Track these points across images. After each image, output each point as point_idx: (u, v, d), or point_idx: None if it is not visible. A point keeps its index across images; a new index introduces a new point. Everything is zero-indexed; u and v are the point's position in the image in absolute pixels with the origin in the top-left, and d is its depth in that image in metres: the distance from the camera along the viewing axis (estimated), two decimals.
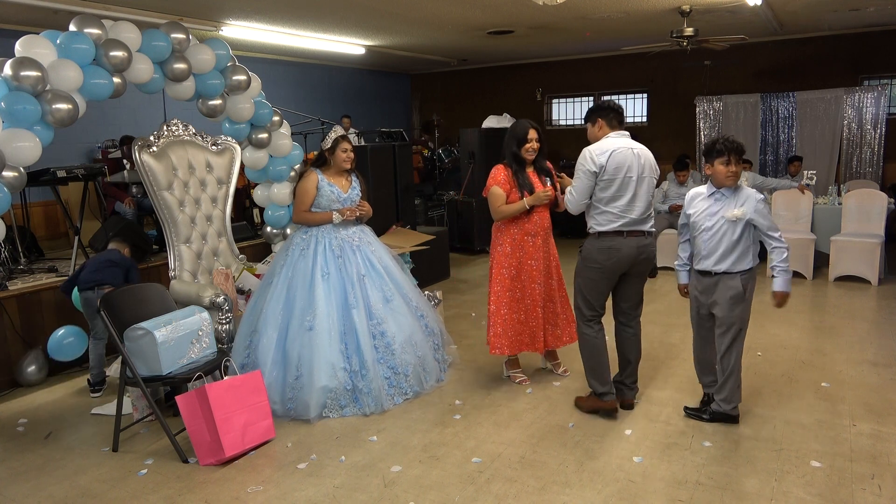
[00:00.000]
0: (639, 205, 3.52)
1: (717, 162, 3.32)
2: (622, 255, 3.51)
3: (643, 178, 3.53)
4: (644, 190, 3.54)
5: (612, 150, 3.49)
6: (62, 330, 4.48)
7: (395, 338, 3.88)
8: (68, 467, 3.32)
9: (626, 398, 3.75)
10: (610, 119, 3.61)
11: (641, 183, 3.52)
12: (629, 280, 3.64)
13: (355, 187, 4.10)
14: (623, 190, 3.49)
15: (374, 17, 6.88)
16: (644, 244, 3.56)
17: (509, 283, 4.04)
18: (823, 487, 2.87)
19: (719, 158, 3.31)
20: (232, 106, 4.92)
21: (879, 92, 8.30)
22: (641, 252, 3.55)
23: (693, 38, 6.89)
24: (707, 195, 3.42)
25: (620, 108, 3.67)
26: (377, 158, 6.66)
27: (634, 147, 3.55)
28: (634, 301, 3.70)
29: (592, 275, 3.60)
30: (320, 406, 3.70)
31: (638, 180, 3.51)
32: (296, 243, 4.00)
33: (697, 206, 3.45)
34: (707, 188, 3.45)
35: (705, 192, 3.44)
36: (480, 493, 2.92)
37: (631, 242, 3.52)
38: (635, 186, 3.50)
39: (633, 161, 3.50)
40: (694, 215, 3.44)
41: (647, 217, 3.58)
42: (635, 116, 10.84)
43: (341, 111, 10.29)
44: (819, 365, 4.32)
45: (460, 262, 8.08)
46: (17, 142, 3.61)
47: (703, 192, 3.46)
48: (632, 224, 3.52)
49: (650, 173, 3.57)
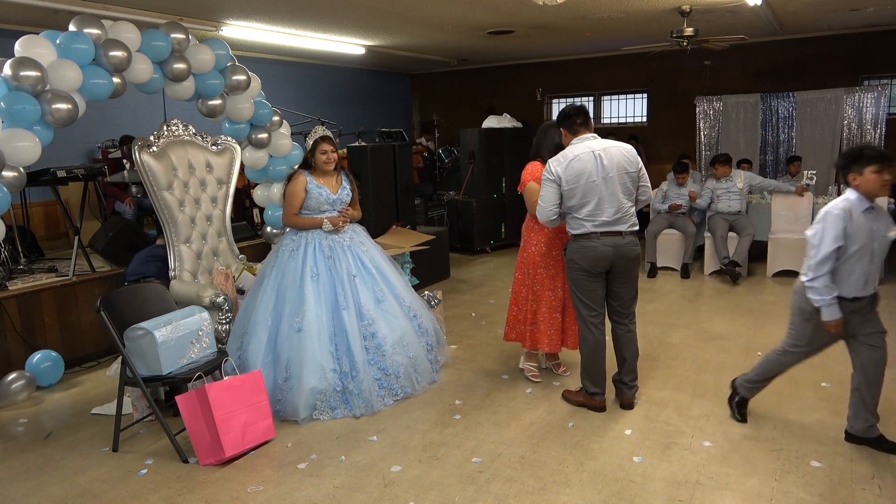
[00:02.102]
0: (608, 206, 3.50)
1: (867, 171, 2.96)
2: (598, 255, 3.52)
3: (610, 178, 3.49)
4: (612, 190, 3.49)
5: (571, 158, 3.50)
6: (39, 354, 4.46)
7: (386, 339, 3.88)
8: (68, 467, 3.32)
9: (625, 397, 3.75)
10: (570, 125, 3.61)
11: (608, 183, 3.49)
12: (616, 279, 3.63)
13: (345, 187, 4.08)
14: (588, 195, 3.49)
15: (374, 17, 6.87)
16: (621, 244, 3.54)
17: (549, 282, 4.02)
18: (823, 487, 2.87)
19: (870, 167, 2.96)
20: (232, 106, 4.92)
21: (879, 92, 8.30)
22: (619, 252, 3.53)
23: (693, 38, 6.88)
24: (861, 211, 3.00)
25: (580, 109, 3.62)
26: (377, 158, 6.66)
27: (597, 149, 3.50)
28: (625, 300, 3.69)
29: (575, 275, 3.62)
30: (309, 408, 3.69)
31: (604, 181, 3.48)
32: (286, 245, 3.99)
33: (860, 226, 2.99)
34: (857, 202, 3.01)
35: (854, 207, 3.00)
36: (480, 493, 2.92)
37: (606, 241, 3.52)
38: (601, 189, 3.48)
39: (594, 165, 3.47)
40: (859, 237, 2.99)
41: (623, 217, 3.53)
42: (635, 116, 10.84)
43: (341, 111, 10.29)
44: (819, 365, 4.31)
45: (460, 262, 8.08)
46: (16, 142, 3.61)
47: (851, 208, 3.00)
48: (604, 225, 3.51)
49: (619, 171, 3.50)
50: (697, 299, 6.16)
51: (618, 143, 3.60)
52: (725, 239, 6.77)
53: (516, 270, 4.16)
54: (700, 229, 7.21)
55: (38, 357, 4.45)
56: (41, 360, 4.45)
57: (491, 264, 8.00)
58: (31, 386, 4.33)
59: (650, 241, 7.16)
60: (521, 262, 4.12)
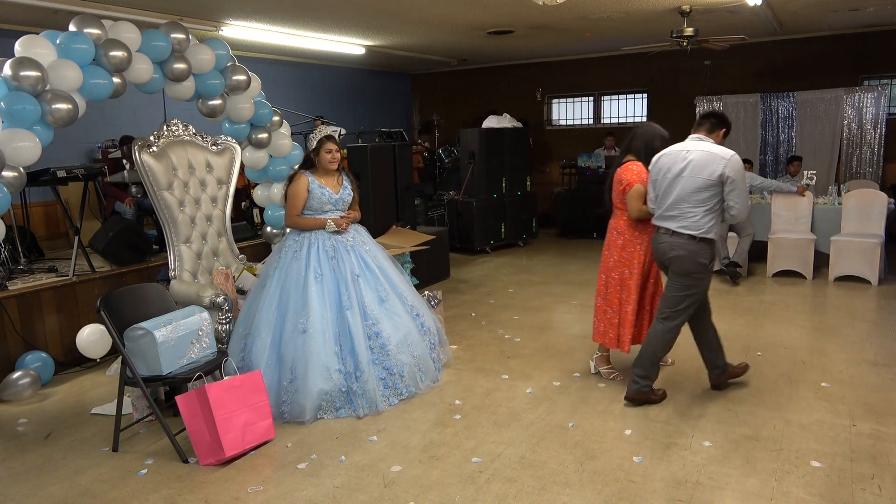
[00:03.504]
0: (668, 201, 3.64)
1: None
2: (654, 249, 3.79)
3: (681, 176, 3.59)
4: (677, 187, 3.59)
5: (665, 153, 3.73)
6: (29, 355, 4.47)
7: (391, 338, 3.88)
8: (68, 467, 3.32)
9: (628, 391, 3.78)
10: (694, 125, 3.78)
11: (676, 181, 3.60)
12: (668, 276, 3.74)
13: (346, 187, 4.09)
14: (659, 188, 3.70)
15: (374, 17, 6.87)
16: (665, 241, 3.65)
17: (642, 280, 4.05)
18: (823, 487, 2.87)
19: None
20: (232, 106, 4.92)
21: (879, 92, 8.30)
22: (664, 248, 3.66)
23: (693, 38, 6.88)
24: None
25: (706, 113, 3.78)
26: (377, 158, 6.66)
27: (690, 149, 3.63)
28: (666, 297, 3.73)
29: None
30: (315, 409, 3.69)
31: (674, 178, 3.61)
32: (288, 245, 3.99)
33: None
34: None
35: None
36: (480, 493, 2.92)
37: (657, 237, 3.73)
38: (668, 184, 3.64)
39: (676, 162, 3.62)
40: None
41: (676, 216, 3.60)
42: (635, 116, 10.84)
43: (341, 111, 10.29)
44: (819, 365, 4.32)
45: (460, 262, 8.08)
46: (17, 142, 3.61)
47: None
48: (659, 219, 3.69)
49: (693, 173, 3.56)
50: None
51: (711, 150, 3.59)
52: (725, 239, 6.76)
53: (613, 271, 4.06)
54: None
55: (29, 357, 4.46)
56: (31, 360, 4.45)
57: (491, 264, 8.00)
58: (37, 384, 4.34)
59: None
60: (617, 264, 4.03)
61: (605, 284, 4.12)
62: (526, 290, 6.62)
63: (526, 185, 9.35)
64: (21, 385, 4.27)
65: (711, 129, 3.71)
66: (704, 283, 3.69)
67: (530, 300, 6.23)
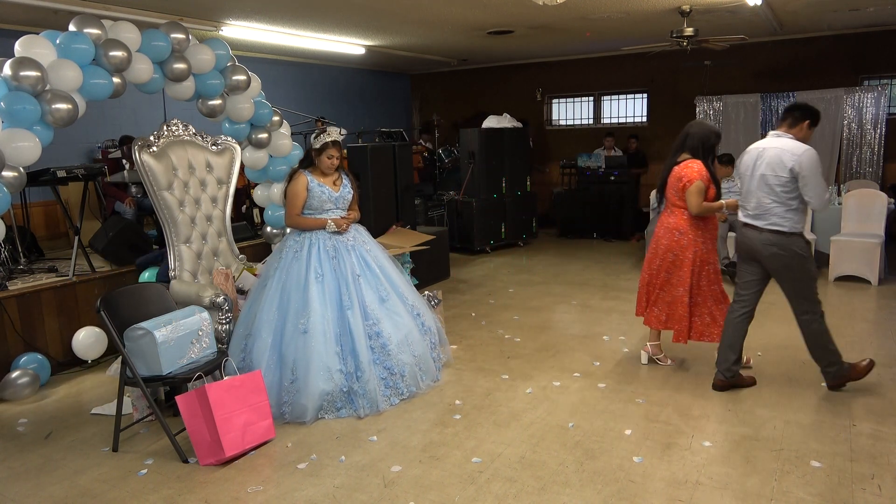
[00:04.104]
0: (750, 200, 3.75)
1: None
2: (740, 244, 3.89)
3: (759, 174, 3.67)
4: (756, 185, 3.71)
5: (746, 151, 3.86)
6: (25, 356, 4.46)
7: (391, 338, 3.88)
8: (68, 467, 3.32)
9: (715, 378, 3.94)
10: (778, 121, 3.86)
11: (755, 178, 3.69)
12: (773, 275, 3.81)
13: (346, 185, 4.09)
14: (744, 184, 3.83)
15: (374, 17, 6.87)
16: (754, 238, 3.70)
17: (714, 276, 4.14)
18: (823, 487, 2.87)
19: None
20: (232, 106, 4.92)
21: (879, 92, 8.30)
22: (752, 245, 3.73)
23: (693, 38, 6.88)
24: None
25: (789, 106, 3.79)
26: (377, 158, 6.65)
27: (763, 146, 3.72)
28: (784, 293, 3.82)
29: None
30: (317, 409, 3.69)
31: (753, 176, 3.70)
32: (289, 245, 3.99)
33: None
34: None
35: None
36: (480, 493, 2.92)
37: (744, 233, 3.81)
38: (748, 182, 3.77)
39: (754, 158, 3.71)
40: None
41: (762, 213, 3.69)
42: (635, 116, 10.84)
43: (341, 111, 10.30)
44: None
45: (460, 262, 8.08)
46: (16, 142, 3.61)
47: None
48: (747, 217, 3.79)
49: (767, 170, 3.64)
50: None
51: (784, 146, 3.64)
52: (725, 239, 6.76)
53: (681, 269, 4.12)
54: None
55: (25, 359, 4.45)
56: (27, 362, 4.44)
57: (491, 264, 8.00)
58: (36, 383, 4.34)
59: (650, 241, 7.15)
60: (675, 258, 4.12)
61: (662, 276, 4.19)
62: (526, 290, 6.62)
63: (526, 185, 9.35)
64: (20, 385, 4.27)
65: (794, 123, 3.72)
66: (809, 269, 3.75)
67: (530, 300, 6.23)
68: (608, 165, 9.50)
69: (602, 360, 4.55)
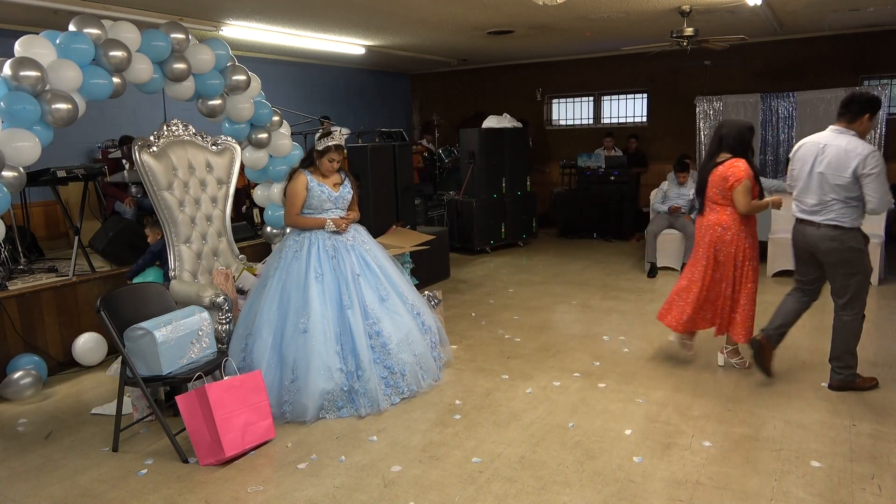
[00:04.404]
0: (807, 196, 3.74)
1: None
2: (795, 240, 3.90)
3: (819, 172, 3.66)
4: (815, 182, 3.69)
5: (803, 144, 3.81)
6: (22, 358, 4.45)
7: (392, 337, 3.88)
8: (68, 467, 3.32)
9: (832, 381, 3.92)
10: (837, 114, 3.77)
11: (815, 176, 3.68)
12: (826, 270, 3.81)
13: (346, 185, 4.10)
14: (799, 180, 3.80)
15: (374, 17, 6.87)
16: (812, 234, 3.74)
17: (753, 274, 4.17)
18: (823, 487, 2.87)
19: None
20: (232, 106, 4.92)
21: (879, 92, 8.28)
22: (808, 240, 3.75)
23: (693, 38, 6.88)
24: None
25: (846, 99, 3.70)
26: (377, 158, 6.65)
27: (823, 141, 3.68)
28: (834, 289, 3.83)
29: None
30: (318, 408, 3.69)
31: (812, 172, 3.69)
32: (289, 245, 3.99)
33: None
34: None
35: None
36: (480, 493, 2.92)
37: (801, 229, 3.82)
38: (807, 178, 3.73)
39: (813, 154, 3.68)
40: None
41: (820, 209, 3.70)
42: (635, 116, 10.84)
43: (341, 111, 10.29)
44: (819, 365, 4.32)
45: (460, 262, 8.08)
46: (16, 142, 3.61)
47: None
48: (803, 212, 3.79)
49: (828, 170, 3.63)
50: None
51: (847, 146, 3.61)
52: None
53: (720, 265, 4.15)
54: None
55: (21, 361, 4.43)
56: (24, 363, 4.43)
57: (491, 264, 8.00)
58: (38, 384, 4.34)
59: (650, 241, 7.16)
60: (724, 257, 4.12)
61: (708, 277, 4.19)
62: (526, 290, 6.62)
63: (526, 185, 9.35)
64: (22, 385, 4.26)
65: (853, 118, 3.67)
66: (864, 265, 3.75)
67: (530, 300, 6.23)
68: (608, 165, 9.49)
69: (602, 360, 4.55)
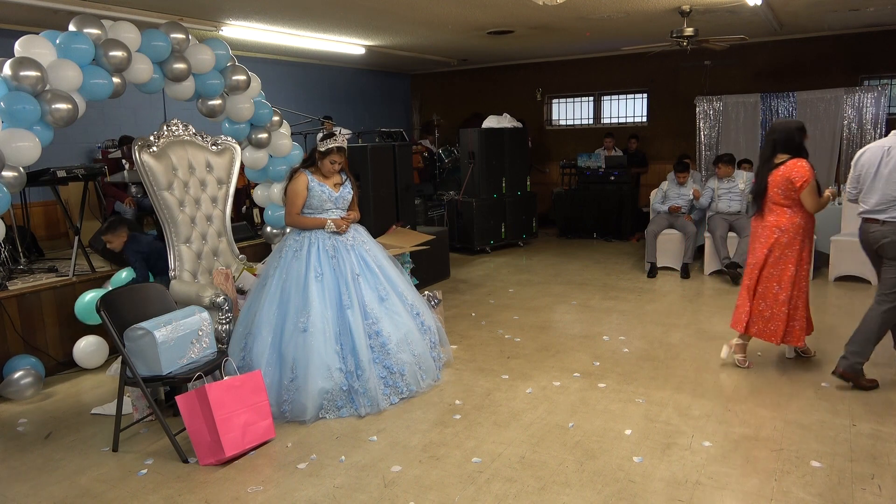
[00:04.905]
0: (872, 196, 3.86)
1: None
2: (862, 238, 4.00)
3: (884, 174, 3.78)
4: (881, 183, 3.81)
5: (867, 150, 3.96)
6: (16, 359, 4.44)
7: (391, 337, 3.88)
8: (68, 467, 3.32)
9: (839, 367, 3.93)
10: None
11: (879, 177, 3.82)
12: (884, 263, 3.91)
13: (346, 185, 4.10)
14: (864, 183, 3.92)
15: (374, 17, 6.87)
16: (876, 230, 3.86)
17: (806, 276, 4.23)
18: (823, 487, 2.87)
19: None
20: (232, 106, 4.92)
21: (879, 92, 8.29)
22: (874, 237, 3.87)
23: (693, 38, 6.88)
24: None
25: None
26: (377, 158, 6.65)
27: (892, 145, 3.83)
28: (883, 280, 3.93)
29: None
30: (317, 408, 3.69)
31: (877, 175, 3.84)
32: (289, 245, 4.00)
33: None
34: None
35: None
36: (480, 493, 2.92)
37: (865, 227, 3.93)
38: (872, 180, 3.86)
39: (879, 157, 3.84)
40: None
41: (885, 208, 3.81)
42: (635, 116, 10.84)
43: (342, 111, 10.29)
44: (819, 365, 4.32)
45: (460, 262, 8.08)
46: (16, 142, 3.60)
47: None
48: (866, 213, 3.91)
49: (893, 170, 3.76)
50: (697, 299, 6.17)
51: None
52: (725, 239, 6.77)
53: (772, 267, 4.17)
54: (700, 229, 7.21)
55: (18, 362, 4.42)
56: (20, 364, 4.41)
57: (491, 264, 8.00)
58: (39, 383, 4.34)
59: (650, 241, 7.16)
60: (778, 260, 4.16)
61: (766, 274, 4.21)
62: (526, 290, 6.62)
63: (526, 185, 9.35)
64: (23, 385, 4.26)
65: None
66: None
67: (530, 300, 6.24)
68: (608, 165, 9.49)
69: (602, 360, 4.55)
